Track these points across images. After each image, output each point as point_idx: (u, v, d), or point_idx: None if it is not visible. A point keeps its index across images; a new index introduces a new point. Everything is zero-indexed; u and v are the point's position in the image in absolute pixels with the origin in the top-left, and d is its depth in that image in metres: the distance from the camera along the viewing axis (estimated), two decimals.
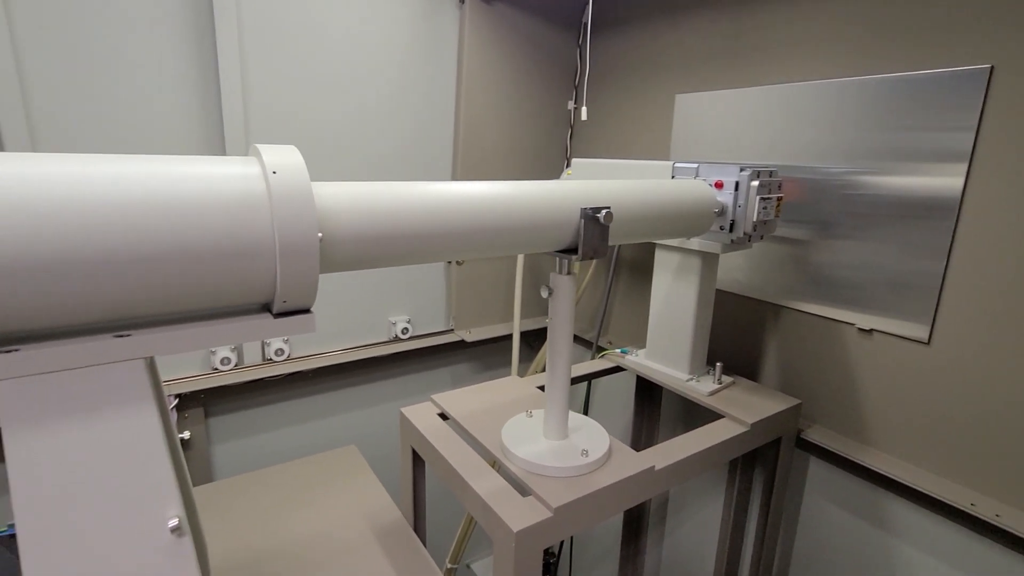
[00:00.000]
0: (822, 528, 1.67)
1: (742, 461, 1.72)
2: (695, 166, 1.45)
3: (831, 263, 1.55)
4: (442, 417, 1.39)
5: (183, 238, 0.66)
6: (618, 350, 1.81)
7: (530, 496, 1.09)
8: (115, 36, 1.51)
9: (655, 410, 2.03)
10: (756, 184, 1.35)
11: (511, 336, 2.22)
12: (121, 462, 0.67)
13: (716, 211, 1.37)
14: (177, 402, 1.77)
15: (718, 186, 1.39)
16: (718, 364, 1.62)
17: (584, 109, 1.97)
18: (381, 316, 2.18)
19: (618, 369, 1.79)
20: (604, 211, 1.02)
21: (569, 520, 1.07)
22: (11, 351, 0.61)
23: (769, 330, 1.74)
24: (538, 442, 1.21)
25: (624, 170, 1.60)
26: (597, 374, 1.78)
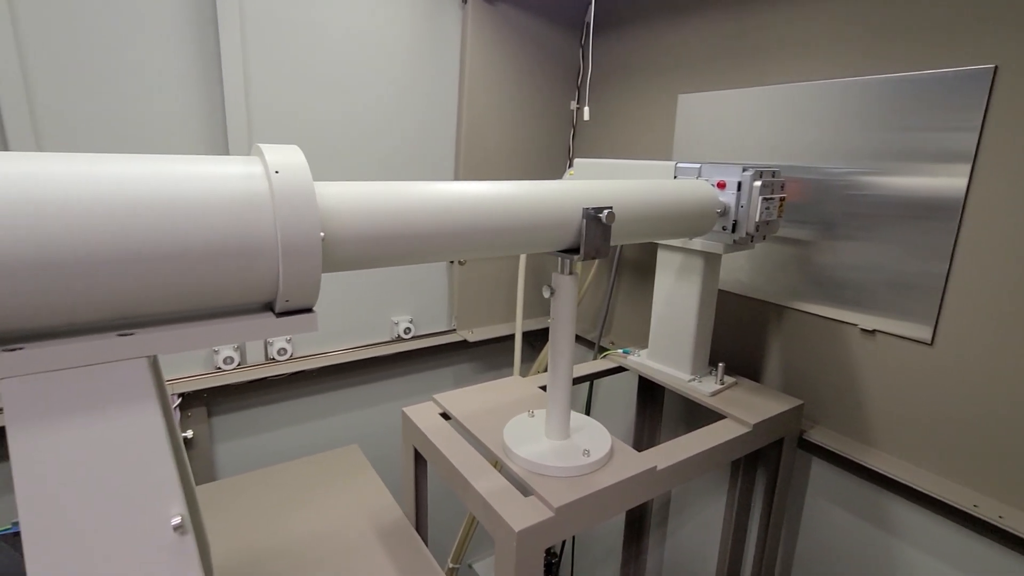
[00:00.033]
0: (824, 529, 1.66)
1: (744, 462, 1.72)
2: (697, 166, 1.45)
3: (834, 263, 1.55)
4: (444, 417, 1.39)
5: (186, 237, 0.66)
6: (620, 350, 1.81)
7: (532, 496, 1.09)
8: (119, 35, 1.52)
9: (657, 410, 2.03)
10: (759, 184, 1.35)
11: (513, 336, 2.22)
12: (124, 460, 0.68)
13: (718, 211, 1.37)
14: (180, 401, 1.77)
15: (720, 186, 1.39)
16: (720, 364, 1.62)
17: (587, 109, 1.97)
18: (383, 316, 2.18)
19: (620, 369, 1.79)
20: (606, 211, 1.02)
21: (570, 520, 1.07)
22: (15, 349, 0.62)
23: (771, 331, 1.74)
24: (540, 442, 1.21)
25: (626, 170, 1.60)
26: (599, 374, 1.78)
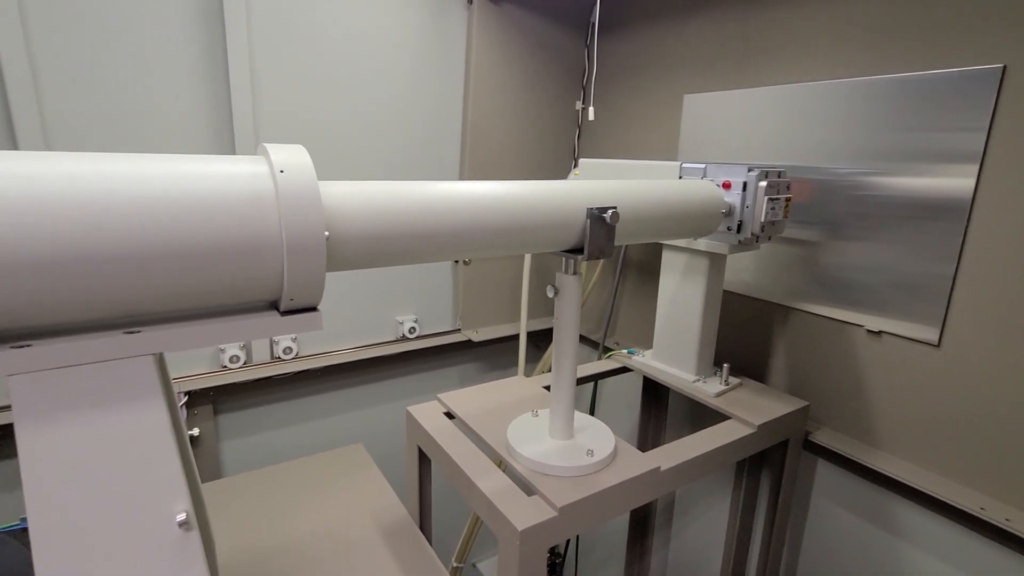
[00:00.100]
0: (829, 531, 1.66)
1: (749, 463, 1.71)
2: (702, 166, 1.45)
3: (840, 264, 1.54)
4: (448, 416, 1.39)
5: (192, 236, 0.67)
6: (625, 351, 1.81)
7: (535, 495, 1.09)
8: (126, 35, 1.53)
9: (662, 411, 2.02)
10: (764, 184, 1.35)
11: (518, 336, 2.22)
12: (130, 456, 0.68)
13: (724, 211, 1.37)
14: (187, 399, 1.78)
15: (726, 186, 1.39)
16: (725, 365, 1.61)
17: (592, 109, 1.97)
18: (388, 315, 2.18)
19: (625, 370, 1.79)
20: (610, 211, 1.02)
21: (574, 520, 1.07)
22: (23, 347, 0.62)
23: (777, 331, 1.73)
24: (543, 442, 1.21)
25: (631, 170, 1.60)
26: (604, 374, 1.78)
